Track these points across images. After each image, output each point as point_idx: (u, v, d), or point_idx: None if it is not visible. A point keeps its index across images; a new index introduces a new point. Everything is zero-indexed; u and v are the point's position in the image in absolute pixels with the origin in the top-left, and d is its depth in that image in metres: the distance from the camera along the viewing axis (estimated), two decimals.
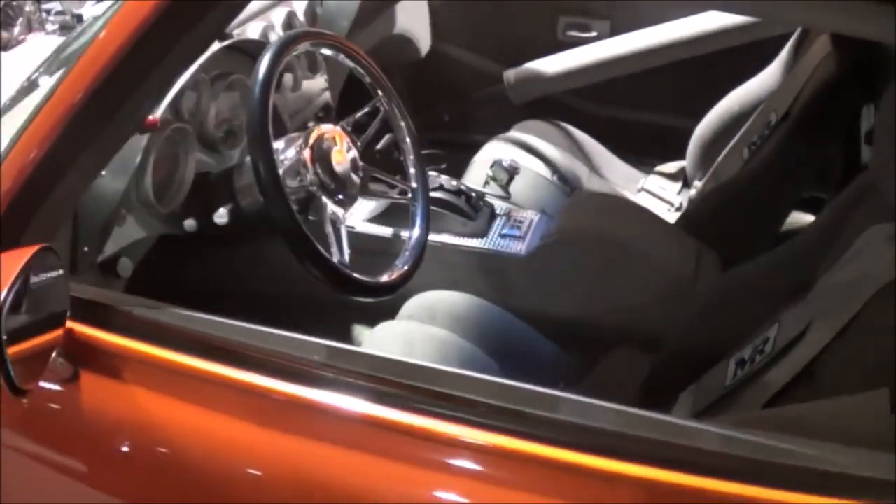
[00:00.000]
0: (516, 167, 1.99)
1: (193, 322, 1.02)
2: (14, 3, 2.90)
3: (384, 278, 1.45)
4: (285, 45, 1.39)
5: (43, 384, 0.99)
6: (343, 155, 1.49)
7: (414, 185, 1.63)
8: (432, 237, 1.87)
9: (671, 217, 2.08)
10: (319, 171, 1.44)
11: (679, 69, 2.33)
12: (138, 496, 1.00)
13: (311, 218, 1.46)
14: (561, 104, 2.54)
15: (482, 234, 1.88)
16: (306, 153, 1.42)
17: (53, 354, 0.97)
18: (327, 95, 2.01)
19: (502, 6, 2.53)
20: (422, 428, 0.87)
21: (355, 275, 1.38)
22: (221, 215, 1.47)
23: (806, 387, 1.15)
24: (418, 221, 1.60)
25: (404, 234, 1.63)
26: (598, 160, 2.34)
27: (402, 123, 1.63)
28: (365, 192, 1.55)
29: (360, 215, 1.98)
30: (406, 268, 1.51)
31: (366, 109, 1.58)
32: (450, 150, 2.37)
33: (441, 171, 1.95)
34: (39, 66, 1.44)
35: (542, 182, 2.11)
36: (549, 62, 2.46)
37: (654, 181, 2.32)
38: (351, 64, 1.57)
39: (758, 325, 1.35)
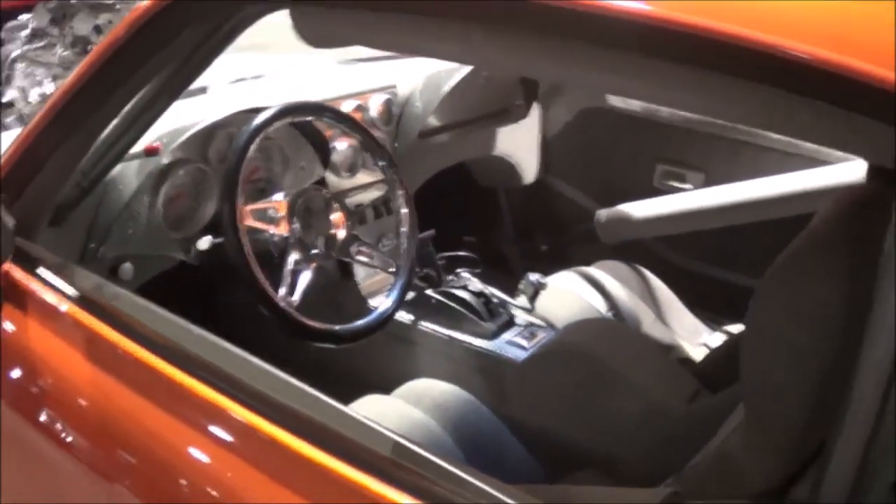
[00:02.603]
0: (543, 284, 2.13)
1: (106, 294, 1.30)
2: None
3: (330, 327, 1.64)
4: (283, 111, 1.67)
5: None
6: (325, 216, 1.72)
7: (401, 262, 1.81)
8: (444, 330, 2.06)
9: None
10: (295, 224, 1.68)
11: (763, 229, 2.37)
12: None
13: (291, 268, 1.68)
14: (648, 249, 2.67)
15: (491, 336, 2.06)
16: (283, 206, 1.66)
17: None
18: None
19: (608, 148, 2.71)
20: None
21: (296, 314, 1.57)
22: (204, 242, 1.73)
23: None
24: (393, 295, 1.81)
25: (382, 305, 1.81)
26: (667, 309, 2.40)
27: (403, 204, 1.85)
28: (344, 254, 1.78)
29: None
30: (355, 328, 1.70)
31: (359, 183, 1.81)
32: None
33: (474, 275, 2.13)
34: None
35: (588, 310, 2.20)
36: (639, 206, 2.58)
37: (718, 339, 2.34)
38: (358, 137, 1.82)
39: None
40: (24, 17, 3.97)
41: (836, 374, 0.92)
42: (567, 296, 2.21)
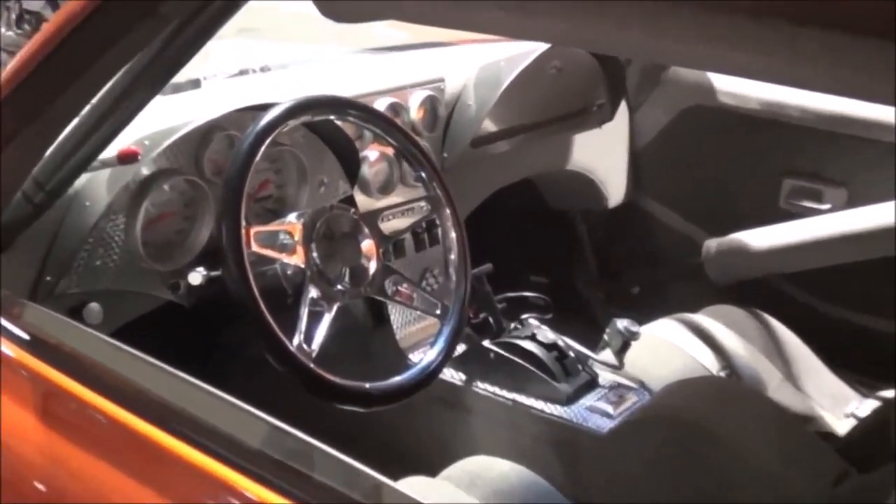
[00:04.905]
0: (635, 333, 2.09)
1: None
2: None
3: (359, 385, 1.61)
4: (296, 108, 1.65)
5: None
6: (352, 243, 1.73)
7: (448, 303, 1.80)
8: (505, 392, 2.07)
9: None
10: (314, 252, 1.65)
11: None
12: None
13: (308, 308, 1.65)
14: (773, 291, 2.64)
15: (566, 401, 2.03)
16: (298, 229, 1.65)
17: None
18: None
19: (718, 160, 2.65)
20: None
21: (314, 367, 1.53)
22: (196, 276, 1.72)
23: None
24: (439, 345, 1.78)
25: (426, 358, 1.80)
26: (799, 368, 2.32)
27: (452, 228, 1.86)
28: (376, 292, 1.76)
29: None
30: (390, 387, 1.67)
31: (396, 202, 1.78)
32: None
33: (544, 322, 2.09)
34: None
35: (694, 368, 2.15)
36: (761, 234, 2.56)
37: (870, 407, 2.26)
38: (390, 140, 1.84)
39: None
40: None
41: None
42: (666, 349, 2.20)
